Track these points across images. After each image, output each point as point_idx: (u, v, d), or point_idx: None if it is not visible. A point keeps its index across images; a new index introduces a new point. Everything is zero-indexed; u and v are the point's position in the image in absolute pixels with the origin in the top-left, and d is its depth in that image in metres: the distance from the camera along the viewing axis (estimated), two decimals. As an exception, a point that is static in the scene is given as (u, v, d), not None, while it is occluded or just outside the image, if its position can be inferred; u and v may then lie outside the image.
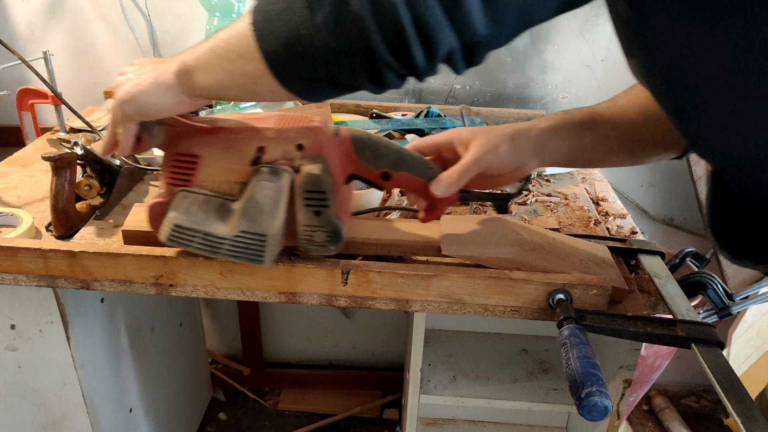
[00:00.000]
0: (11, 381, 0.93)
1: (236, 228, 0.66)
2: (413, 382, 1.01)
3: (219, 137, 0.68)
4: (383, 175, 0.71)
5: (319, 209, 0.68)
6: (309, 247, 0.70)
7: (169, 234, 0.68)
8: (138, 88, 0.62)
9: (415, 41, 0.48)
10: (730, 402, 0.56)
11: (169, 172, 0.69)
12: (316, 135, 0.67)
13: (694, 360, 0.67)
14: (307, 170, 0.66)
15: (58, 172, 0.81)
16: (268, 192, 0.65)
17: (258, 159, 0.67)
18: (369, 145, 0.70)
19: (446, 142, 0.73)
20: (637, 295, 0.77)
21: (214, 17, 1.15)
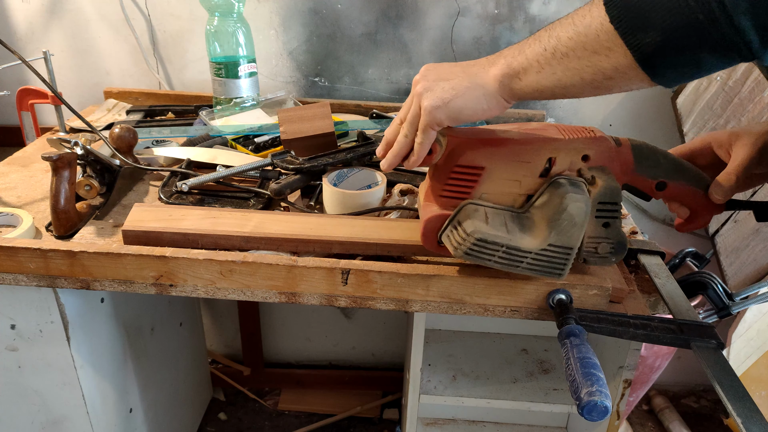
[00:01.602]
0: (11, 381, 0.93)
1: (544, 241, 0.65)
2: (413, 382, 1.01)
3: (506, 149, 0.66)
4: (659, 185, 0.70)
5: (608, 221, 0.67)
6: (590, 258, 0.69)
7: (468, 248, 0.65)
8: (452, 93, 0.62)
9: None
10: (730, 402, 0.56)
11: (447, 184, 0.68)
12: (600, 145, 0.66)
13: (694, 360, 0.67)
14: (607, 182, 0.65)
15: (58, 172, 0.81)
16: (580, 205, 0.63)
17: (547, 170, 0.66)
18: (648, 155, 0.69)
19: (703, 147, 0.72)
20: (637, 295, 0.77)
21: (214, 17, 1.16)
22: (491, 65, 0.62)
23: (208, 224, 0.79)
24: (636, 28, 0.52)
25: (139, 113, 1.25)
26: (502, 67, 0.61)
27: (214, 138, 1.09)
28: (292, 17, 1.31)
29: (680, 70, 0.54)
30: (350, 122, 1.19)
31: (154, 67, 1.37)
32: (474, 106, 0.62)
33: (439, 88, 0.62)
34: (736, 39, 0.49)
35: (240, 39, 1.17)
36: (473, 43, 1.33)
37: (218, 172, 0.94)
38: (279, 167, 0.93)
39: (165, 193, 0.93)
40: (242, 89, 1.20)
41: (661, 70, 0.54)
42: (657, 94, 1.36)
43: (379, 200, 0.89)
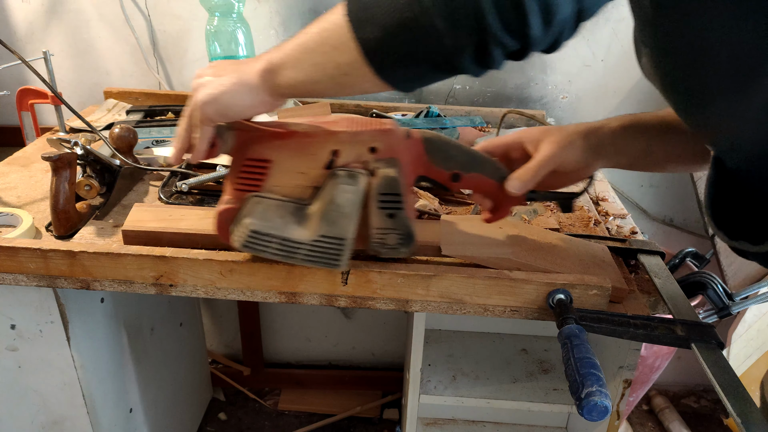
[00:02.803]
0: (11, 381, 0.93)
1: (315, 232, 0.66)
2: (413, 382, 1.01)
3: (292, 141, 0.67)
4: (453, 177, 0.71)
5: (393, 212, 0.67)
6: (380, 249, 0.70)
7: (245, 240, 0.67)
8: (220, 89, 0.62)
9: (534, 10, 0.48)
10: (730, 402, 0.56)
11: (239, 177, 0.68)
12: (389, 137, 0.67)
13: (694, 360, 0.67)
14: (384, 173, 0.66)
15: (58, 172, 0.81)
16: (348, 195, 0.65)
17: (332, 162, 0.67)
18: (440, 147, 0.69)
19: (515, 141, 0.73)
20: (637, 295, 0.77)
21: (214, 17, 1.16)
22: (257, 61, 0.62)
23: (208, 224, 0.79)
24: (362, 22, 0.52)
25: (139, 113, 1.25)
26: (263, 62, 0.60)
27: (214, 138, 1.09)
28: (292, 17, 1.31)
29: (410, 70, 0.55)
30: (350, 122, 1.19)
31: (154, 67, 1.37)
32: (240, 103, 0.62)
33: (210, 83, 0.62)
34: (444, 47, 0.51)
35: (240, 39, 1.17)
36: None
37: (218, 171, 0.94)
38: (279, 167, 0.93)
39: (165, 193, 0.93)
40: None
41: (387, 69, 0.55)
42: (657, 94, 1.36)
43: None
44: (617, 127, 0.71)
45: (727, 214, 0.62)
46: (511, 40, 0.50)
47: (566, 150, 0.69)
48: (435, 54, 0.52)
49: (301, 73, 0.58)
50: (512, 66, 1.34)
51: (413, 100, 1.39)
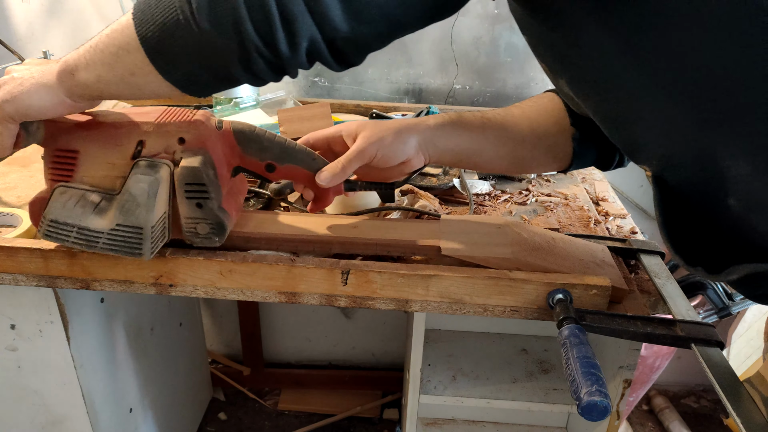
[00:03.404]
0: (11, 381, 0.93)
1: (112, 222, 0.67)
2: (413, 382, 1.01)
3: (98, 132, 0.68)
4: (268, 167, 0.73)
5: (200, 201, 0.69)
6: (193, 239, 0.71)
7: (45, 229, 0.68)
8: (20, 88, 0.62)
9: (279, 27, 0.49)
10: (730, 402, 0.56)
11: (50, 168, 0.69)
12: (197, 128, 0.68)
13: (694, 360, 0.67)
14: (185, 163, 0.67)
15: (58, 172, 0.80)
16: (142, 185, 0.66)
17: (138, 153, 0.68)
18: (252, 138, 0.71)
19: (335, 135, 0.75)
20: (637, 295, 0.77)
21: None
22: (57, 63, 0.61)
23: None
24: (144, 21, 0.53)
25: (139, 113, 1.25)
26: (61, 63, 0.60)
27: (214, 138, 1.09)
28: (292, 17, 1.31)
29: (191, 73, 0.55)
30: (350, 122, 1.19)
31: (154, 67, 1.37)
32: (39, 103, 0.62)
33: (12, 82, 0.62)
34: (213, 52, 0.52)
35: (240, 39, 1.17)
36: (473, 43, 1.33)
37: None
38: (279, 167, 0.93)
39: (165, 193, 0.93)
40: (242, 89, 1.20)
41: (169, 70, 0.55)
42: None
43: (379, 200, 0.89)
44: (434, 125, 0.74)
45: (682, 237, 0.62)
46: (267, 51, 0.51)
47: (375, 146, 0.70)
48: (207, 59, 0.53)
49: (93, 74, 0.58)
50: (512, 66, 1.35)
51: (413, 100, 1.39)
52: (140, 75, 0.56)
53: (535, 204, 1.01)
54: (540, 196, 1.03)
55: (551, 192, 1.05)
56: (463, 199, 0.99)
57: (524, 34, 0.60)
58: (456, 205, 0.98)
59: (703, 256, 0.60)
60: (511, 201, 1.01)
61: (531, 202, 1.01)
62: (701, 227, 0.60)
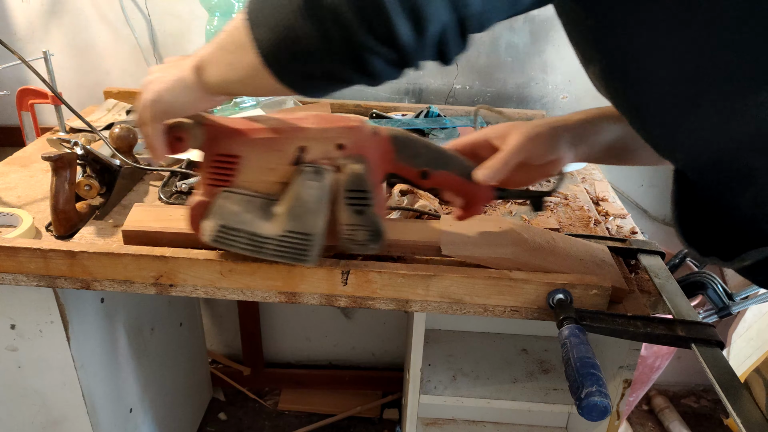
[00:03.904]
0: (11, 381, 0.93)
1: (282, 227, 0.67)
2: (413, 382, 1.01)
3: (259, 137, 0.67)
4: (422, 174, 0.71)
5: (361, 208, 0.68)
6: (350, 245, 0.70)
7: (215, 235, 0.68)
8: (163, 86, 0.61)
9: (399, 17, 0.45)
10: (730, 402, 0.56)
11: (209, 172, 0.69)
12: (356, 134, 0.67)
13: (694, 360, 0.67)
14: (351, 169, 0.67)
15: (58, 172, 0.81)
16: (313, 191, 0.66)
17: (299, 159, 0.67)
18: (408, 144, 0.70)
19: (482, 139, 0.73)
20: (637, 295, 0.77)
21: (214, 17, 1.15)
22: (195, 56, 0.60)
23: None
24: (257, 23, 0.51)
25: (139, 113, 1.25)
26: (196, 59, 0.59)
27: (214, 138, 1.09)
28: (292, 17, 1.31)
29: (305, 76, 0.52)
30: (350, 122, 1.19)
31: (154, 67, 1.37)
32: (180, 99, 0.61)
33: (156, 81, 0.62)
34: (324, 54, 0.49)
35: (240, 39, 1.17)
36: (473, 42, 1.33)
37: (218, 172, 0.94)
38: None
39: (165, 193, 0.93)
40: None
41: (282, 72, 0.52)
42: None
43: (379, 200, 0.89)
44: (584, 119, 0.71)
45: (696, 229, 0.61)
46: (384, 48, 0.47)
47: (532, 142, 0.68)
48: (318, 62, 0.50)
49: (220, 72, 0.57)
50: (512, 66, 1.34)
51: (413, 100, 1.39)
52: (258, 76, 0.53)
53: (535, 204, 1.01)
54: (540, 196, 1.03)
55: (551, 192, 1.05)
56: (463, 199, 0.99)
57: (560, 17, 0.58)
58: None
59: (717, 246, 0.60)
60: (511, 201, 1.01)
61: (531, 202, 1.01)
62: (715, 220, 0.60)
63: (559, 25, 0.60)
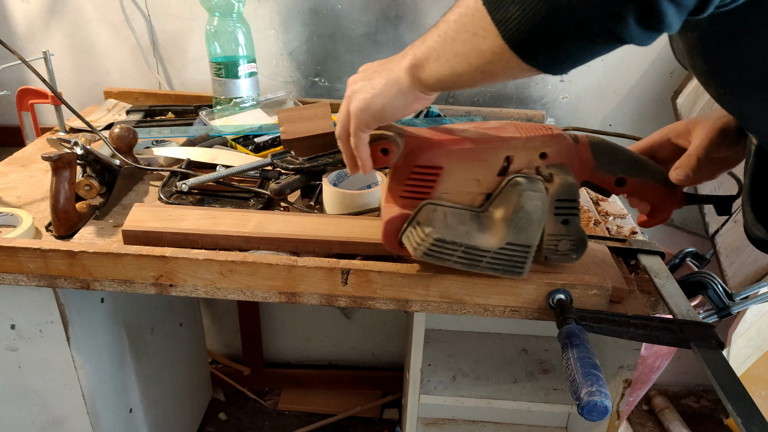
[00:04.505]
0: (11, 381, 0.93)
1: (502, 240, 0.65)
2: (413, 382, 1.01)
3: (463, 148, 0.66)
4: (618, 181, 0.70)
5: (567, 218, 0.67)
6: (551, 255, 0.69)
7: (427, 248, 0.65)
8: (372, 92, 0.60)
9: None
10: (730, 402, 0.56)
11: (407, 184, 0.67)
12: (559, 143, 0.66)
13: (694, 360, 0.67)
14: (563, 179, 0.65)
15: (58, 172, 0.81)
16: (537, 203, 0.64)
17: (505, 169, 0.66)
18: (607, 152, 0.69)
19: (661, 140, 0.71)
20: (637, 295, 0.77)
21: (214, 17, 1.16)
22: (403, 57, 0.59)
23: (208, 224, 0.79)
24: (498, 4, 0.48)
25: (139, 113, 1.25)
26: (409, 58, 0.58)
27: (214, 138, 1.09)
28: (292, 17, 1.31)
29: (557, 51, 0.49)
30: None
31: (154, 67, 1.37)
32: (393, 104, 0.60)
33: (362, 89, 0.61)
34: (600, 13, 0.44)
35: (240, 39, 1.17)
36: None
37: (218, 172, 0.94)
38: (279, 167, 0.93)
39: (165, 193, 0.93)
40: (242, 89, 1.20)
41: (534, 52, 0.49)
42: (657, 94, 1.36)
43: (379, 200, 0.89)
44: None
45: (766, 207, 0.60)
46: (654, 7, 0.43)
47: (722, 133, 0.66)
48: (590, 25, 0.45)
49: (445, 66, 0.55)
50: (512, 66, 1.34)
51: (413, 100, 1.39)
52: (499, 62, 0.51)
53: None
54: (540, 196, 1.03)
55: (551, 192, 1.05)
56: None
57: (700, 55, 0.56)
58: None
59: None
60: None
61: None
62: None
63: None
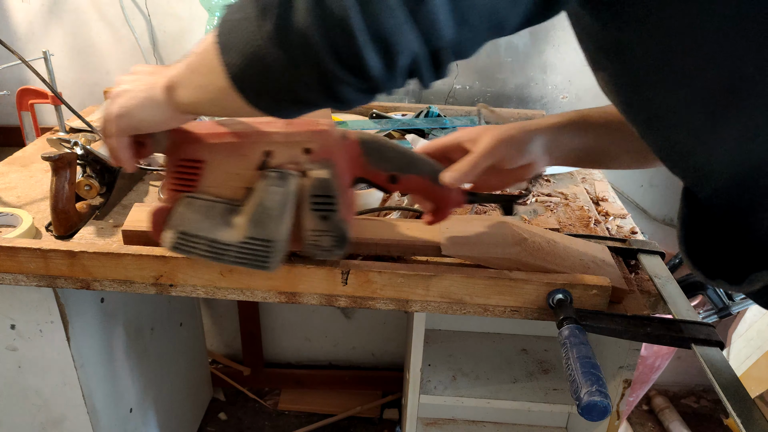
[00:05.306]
0: (11, 381, 0.93)
1: (243, 234, 0.66)
2: (413, 382, 1.01)
3: (224, 142, 0.66)
4: (391, 178, 0.70)
5: (326, 214, 0.67)
6: (315, 251, 0.69)
7: (174, 242, 0.67)
8: (132, 102, 0.60)
9: (368, 49, 0.43)
10: (730, 402, 0.56)
11: (173, 177, 0.68)
12: (324, 138, 0.66)
13: (694, 360, 0.67)
14: (316, 175, 0.65)
15: (58, 172, 0.80)
16: (276, 197, 0.64)
17: (265, 163, 0.66)
18: (377, 148, 0.69)
19: (454, 142, 0.72)
20: (637, 295, 0.77)
21: (214, 17, 1.15)
22: (167, 74, 0.59)
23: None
24: (227, 47, 0.49)
25: (139, 113, 1.25)
26: (166, 79, 0.58)
27: (214, 138, 1.09)
28: (292, 17, 1.31)
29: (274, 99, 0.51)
30: (350, 122, 1.19)
31: (154, 67, 1.37)
32: (151, 118, 0.60)
33: (126, 94, 0.61)
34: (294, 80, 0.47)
35: (240, 39, 1.17)
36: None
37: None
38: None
39: (165, 193, 0.93)
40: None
41: (252, 95, 0.51)
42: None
43: (379, 200, 0.89)
44: (560, 123, 0.70)
45: (703, 249, 0.60)
46: (353, 78, 0.46)
47: (504, 144, 0.67)
48: (287, 87, 0.49)
49: (192, 93, 0.56)
50: (512, 66, 1.34)
51: (413, 100, 1.39)
52: (230, 100, 0.52)
53: (535, 204, 1.01)
54: (540, 196, 1.03)
55: (551, 192, 1.05)
56: (463, 199, 0.99)
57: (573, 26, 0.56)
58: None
59: (724, 269, 0.58)
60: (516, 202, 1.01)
61: (531, 202, 1.01)
62: (725, 241, 0.58)
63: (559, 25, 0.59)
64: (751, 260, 0.56)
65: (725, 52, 0.46)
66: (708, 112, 0.50)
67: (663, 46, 0.49)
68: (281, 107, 0.53)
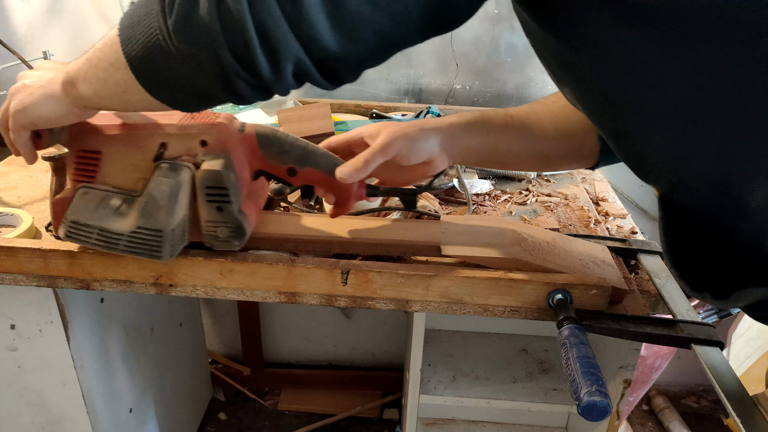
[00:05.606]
0: (11, 381, 0.93)
1: (133, 224, 0.67)
2: (413, 382, 1.01)
3: (121, 133, 0.68)
4: (289, 171, 0.72)
5: (220, 205, 0.68)
6: (213, 242, 0.71)
7: (67, 230, 0.69)
8: (30, 98, 0.61)
9: (259, 50, 0.47)
10: (730, 402, 0.56)
11: (73, 169, 0.70)
12: (219, 131, 0.67)
13: (694, 360, 0.67)
14: (207, 166, 0.67)
15: (58, 172, 0.80)
16: (164, 188, 0.66)
17: (160, 155, 0.68)
18: (274, 141, 0.70)
19: (357, 137, 0.73)
20: (637, 295, 0.77)
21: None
22: (65, 70, 0.60)
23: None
24: (129, 40, 0.51)
25: (139, 113, 1.25)
26: (64, 75, 0.59)
27: (214, 138, 1.09)
28: (292, 17, 1.31)
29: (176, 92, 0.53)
30: (350, 122, 1.19)
31: (154, 67, 1.37)
32: (48, 114, 0.62)
33: (25, 90, 0.62)
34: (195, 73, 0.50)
35: (240, 39, 1.17)
36: (473, 43, 1.33)
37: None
38: (278, 167, 0.93)
39: (165, 193, 0.93)
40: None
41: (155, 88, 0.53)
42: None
43: (379, 200, 0.89)
44: (458, 123, 0.72)
45: (688, 260, 0.59)
46: (248, 75, 0.49)
47: (399, 140, 0.68)
48: (189, 80, 0.51)
49: (91, 88, 0.57)
50: (512, 66, 1.34)
51: (413, 100, 1.39)
52: (131, 92, 0.54)
53: (535, 204, 1.01)
54: (540, 196, 1.03)
55: (551, 192, 1.05)
56: (463, 200, 0.99)
57: (528, 37, 0.57)
58: (456, 205, 0.98)
59: (709, 282, 0.58)
60: (511, 201, 1.01)
61: (531, 202, 1.01)
62: (708, 251, 0.58)
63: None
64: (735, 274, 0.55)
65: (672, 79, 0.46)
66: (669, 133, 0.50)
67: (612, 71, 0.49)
68: (181, 99, 0.55)
